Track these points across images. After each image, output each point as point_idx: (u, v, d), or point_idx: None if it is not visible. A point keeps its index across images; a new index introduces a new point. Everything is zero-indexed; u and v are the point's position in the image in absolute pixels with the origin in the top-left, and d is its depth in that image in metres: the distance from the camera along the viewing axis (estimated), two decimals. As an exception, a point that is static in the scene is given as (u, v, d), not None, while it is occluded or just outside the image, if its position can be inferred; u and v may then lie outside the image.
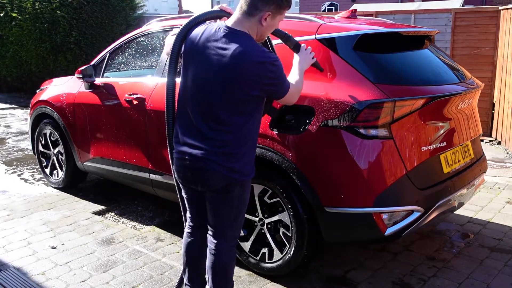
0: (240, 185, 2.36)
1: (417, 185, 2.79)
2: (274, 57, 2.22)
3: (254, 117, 2.30)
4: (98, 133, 4.21)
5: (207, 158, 2.25)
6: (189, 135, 2.31)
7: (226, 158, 2.26)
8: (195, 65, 2.27)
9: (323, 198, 2.76)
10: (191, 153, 2.29)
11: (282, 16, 2.30)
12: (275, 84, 2.24)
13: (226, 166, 2.26)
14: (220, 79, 2.18)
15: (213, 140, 2.25)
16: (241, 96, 2.19)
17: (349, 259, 3.40)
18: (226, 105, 2.21)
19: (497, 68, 7.04)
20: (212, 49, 2.21)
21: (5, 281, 3.11)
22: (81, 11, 10.97)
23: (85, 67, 4.24)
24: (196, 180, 2.35)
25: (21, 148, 6.81)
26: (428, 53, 3.29)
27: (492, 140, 7.04)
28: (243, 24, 2.22)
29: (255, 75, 2.15)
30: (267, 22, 2.23)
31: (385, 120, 2.65)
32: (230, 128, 2.24)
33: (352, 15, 3.45)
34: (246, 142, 2.30)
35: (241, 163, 2.30)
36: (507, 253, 3.47)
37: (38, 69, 11.42)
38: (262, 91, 2.22)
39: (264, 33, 2.30)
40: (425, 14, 7.56)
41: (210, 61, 2.20)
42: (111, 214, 4.30)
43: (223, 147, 2.25)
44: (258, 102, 2.28)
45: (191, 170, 2.33)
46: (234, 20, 2.24)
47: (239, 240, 3.21)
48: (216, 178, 2.29)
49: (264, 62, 2.15)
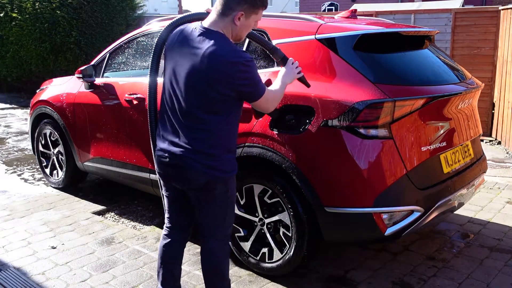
0: (222, 183, 2.35)
1: (417, 185, 2.79)
2: (247, 57, 2.20)
3: (231, 117, 2.30)
4: (98, 133, 4.21)
5: (186, 156, 2.27)
6: (168, 133, 2.34)
7: (203, 157, 2.27)
8: (172, 64, 2.32)
9: (323, 198, 2.76)
10: (170, 151, 2.32)
11: (258, 16, 2.31)
12: (248, 85, 2.23)
13: (204, 163, 2.27)
14: (193, 78, 2.21)
15: (190, 138, 2.27)
16: (213, 95, 2.20)
17: (349, 259, 3.40)
18: (199, 103, 2.23)
19: (497, 68, 7.04)
20: (187, 48, 2.25)
21: (5, 281, 3.11)
22: (81, 11, 10.97)
23: (85, 67, 4.25)
24: (177, 178, 2.37)
25: (21, 148, 6.81)
26: (428, 53, 3.29)
27: (492, 140, 7.04)
28: (218, 24, 2.25)
29: (226, 74, 2.16)
30: (240, 21, 2.24)
31: (385, 120, 2.65)
32: (205, 126, 2.25)
33: (352, 15, 3.45)
34: (222, 141, 2.30)
35: (219, 162, 2.30)
36: (507, 253, 3.47)
37: (38, 69, 11.42)
38: (234, 91, 2.22)
39: (240, 32, 2.30)
40: (425, 14, 7.56)
41: (185, 59, 2.24)
42: (111, 214, 4.30)
43: (199, 145, 2.26)
44: (232, 102, 2.27)
45: (171, 167, 2.35)
46: (210, 20, 2.27)
47: (239, 240, 3.22)
48: (195, 176, 2.30)
49: (235, 61, 2.16)
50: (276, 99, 2.44)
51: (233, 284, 3.08)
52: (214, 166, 2.28)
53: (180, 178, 2.36)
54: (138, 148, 3.83)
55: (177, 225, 2.58)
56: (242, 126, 3.03)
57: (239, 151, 3.05)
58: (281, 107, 2.84)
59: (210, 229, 2.46)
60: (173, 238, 2.58)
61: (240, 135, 3.03)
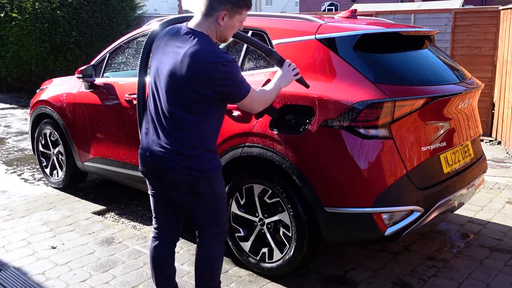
0: (206, 182, 2.33)
1: (417, 185, 2.79)
2: (227, 57, 2.18)
3: (210, 118, 2.28)
4: (98, 133, 4.21)
5: (165, 156, 2.27)
6: (150, 132, 2.35)
7: (182, 158, 2.26)
8: (157, 63, 2.34)
9: (323, 198, 2.76)
10: (151, 150, 2.32)
11: (243, 17, 2.30)
12: (228, 85, 2.21)
13: (184, 165, 2.26)
14: (173, 76, 2.21)
15: (169, 138, 2.26)
16: (192, 94, 2.20)
17: (349, 259, 3.40)
18: (179, 102, 2.23)
19: (497, 68, 7.04)
20: (171, 47, 2.27)
21: (5, 281, 3.11)
22: (81, 11, 10.97)
23: (85, 67, 4.25)
24: (160, 181, 2.37)
25: (21, 148, 6.81)
26: (428, 53, 3.30)
27: (492, 140, 7.04)
28: (202, 25, 2.26)
29: (204, 74, 2.16)
30: (224, 21, 2.25)
31: (385, 120, 2.65)
32: (184, 126, 2.25)
33: (352, 15, 3.45)
34: (201, 141, 2.28)
35: (198, 162, 2.28)
36: (507, 253, 3.47)
37: (38, 69, 11.42)
38: (214, 92, 2.20)
39: (224, 33, 2.30)
40: (425, 14, 7.56)
41: (168, 58, 2.26)
42: (111, 214, 4.30)
43: (177, 145, 2.25)
44: (211, 103, 2.25)
45: (152, 167, 2.36)
46: (195, 21, 2.28)
47: (239, 240, 3.22)
48: (175, 176, 2.29)
49: (215, 62, 2.15)
50: (264, 100, 2.43)
51: (233, 284, 3.08)
52: (193, 166, 2.27)
53: (163, 181, 2.36)
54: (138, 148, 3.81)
55: (164, 225, 2.56)
56: (242, 126, 3.04)
57: (239, 151, 3.05)
58: (281, 107, 2.84)
59: (204, 227, 2.47)
60: (161, 240, 2.56)
61: (240, 135, 3.04)
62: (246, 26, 3.17)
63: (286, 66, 2.56)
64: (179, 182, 2.30)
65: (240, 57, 3.20)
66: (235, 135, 3.06)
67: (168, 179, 2.33)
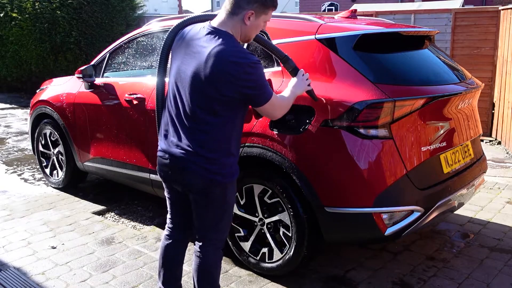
0: (221, 187, 2.31)
1: (417, 185, 2.79)
2: (253, 59, 2.15)
3: (232, 121, 2.26)
4: (98, 133, 4.21)
5: (185, 158, 2.25)
6: (170, 134, 2.32)
7: (202, 160, 2.24)
8: (178, 63, 2.29)
9: (323, 198, 2.76)
10: (171, 152, 2.29)
11: (268, 17, 2.28)
12: (253, 87, 2.18)
13: (204, 167, 2.24)
14: (197, 77, 2.17)
15: (190, 140, 2.24)
16: (216, 96, 2.16)
17: (349, 259, 3.40)
18: (202, 103, 2.20)
19: (497, 68, 7.04)
20: (193, 46, 2.23)
21: (5, 281, 3.11)
22: (81, 11, 10.97)
23: (85, 67, 4.25)
24: (176, 180, 2.35)
25: (21, 148, 6.81)
26: (428, 53, 3.29)
27: (492, 140, 7.04)
28: (226, 24, 2.22)
29: (229, 75, 2.12)
30: (250, 21, 2.22)
31: (385, 120, 2.65)
32: (205, 128, 2.22)
33: (352, 15, 3.44)
34: (223, 144, 2.26)
35: (219, 166, 2.26)
36: (507, 253, 3.47)
37: (38, 69, 11.42)
38: (238, 93, 2.17)
39: (249, 33, 2.28)
40: (425, 14, 7.56)
41: (191, 58, 2.21)
42: (111, 214, 4.30)
43: (198, 147, 2.23)
44: (235, 105, 2.22)
45: (170, 169, 2.33)
46: (218, 20, 2.25)
47: (239, 240, 3.22)
48: (194, 179, 2.27)
49: (240, 62, 2.12)
50: (283, 107, 2.41)
51: (233, 284, 3.08)
52: (214, 170, 2.25)
53: (180, 181, 2.34)
54: (138, 148, 3.83)
55: (178, 226, 2.56)
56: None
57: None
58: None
59: (205, 232, 2.44)
60: (174, 239, 2.57)
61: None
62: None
63: (300, 75, 2.56)
64: (196, 183, 2.28)
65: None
66: (235, 135, 3.06)
67: (185, 179, 2.30)
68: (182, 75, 2.25)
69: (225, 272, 3.22)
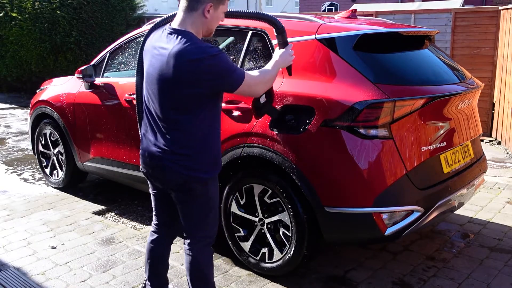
0: (201, 183, 2.33)
1: (417, 185, 2.79)
2: (212, 51, 2.15)
3: (205, 116, 2.27)
4: (98, 133, 4.21)
5: (162, 156, 2.29)
6: (148, 133, 2.37)
7: (178, 157, 2.27)
8: (147, 66, 2.35)
9: (323, 198, 2.76)
10: (149, 151, 2.34)
11: (225, 7, 2.31)
12: (218, 78, 2.19)
13: (181, 164, 2.27)
14: (162, 78, 2.22)
15: (165, 139, 2.28)
16: (182, 94, 2.20)
17: (349, 259, 3.40)
18: (169, 103, 2.24)
19: (497, 68, 7.04)
20: (156, 49, 2.28)
21: (5, 281, 3.11)
22: (81, 11, 10.96)
23: (85, 67, 4.25)
24: (157, 178, 2.39)
25: (21, 148, 6.81)
26: (428, 53, 3.29)
27: (492, 140, 7.03)
28: (185, 22, 2.24)
29: (191, 73, 2.15)
30: (210, 14, 2.24)
31: (385, 120, 2.65)
32: (178, 126, 2.25)
33: (352, 15, 3.45)
34: (197, 141, 2.28)
35: (195, 162, 2.29)
36: (507, 253, 3.47)
37: (38, 69, 11.41)
38: (204, 88, 2.19)
39: (210, 26, 2.30)
40: (425, 14, 7.56)
41: (155, 61, 2.26)
42: (111, 214, 4.30)
43: (174, 145, 2.26)
44: (204, 99, 2.24)
45: (151, 167, 2.37)
46: (177, 20, 2.27)
47: (239, 240, 3.22)
48: (172, 176, 2.31)
49: (200, 58, 2.13)
50: (264, 82, 2.40)
51: (233, 284, 3.08)
52: (190, 166, 2.28)
53: (160, 179, 2.38)
54: (138, 148, 3.81)
55: (163, 222, 2.60)
56: (242, 126, 3.04)
57: (239, 151, 3.05)
58: (281, 107, 2.84)
59: (191, 230, 2.46)
60: (160, 234, 2.61)
61: (240, 135, 3.04)
62: (246, 26, 3.18)
63: (288, 49, 2.56)
64: (176, 181, 2.32)
65: (240, 57, 3.20)
66: (235, 135, 3.06)
67: (166, 178, 2.34)
68: (150, 78, 2.30)
69: (225, 272, 3.22)
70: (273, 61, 2.50)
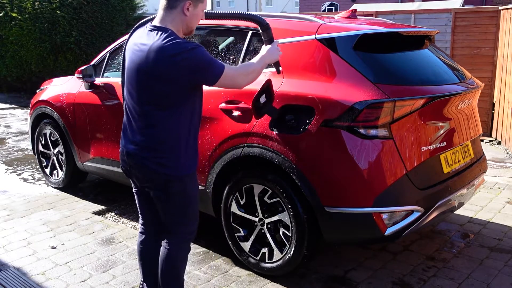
0: (178, 181, 2.34)
1: (417, 185, 2.79)
2: (189, 46, 2.16)
3: (181, 113, 2.28)
4: (98, 133, 4.21)
5: (138, 154, 2.31)
6: (126, 131, 2.39)
7: (154, 154, 2.28)
8: (128, 63, 2.36)
9: (323, 198, 2.76)
10: (127, 148, 2.36)
11: (204, 5, 2.33)
12: (196, 71, 2.20)
13: (157, 162, 2.28)
14: (141, 74, 2.24)
15: (141, 135, 2.30)
16: (161, 89, 2.21)
17: (349, 259, 3.40)
18: (148, 98, 2.26)
19: (497, 68, 7.04)
20: (137, 45, 2.29)
21: (5, 281, 3.11)
22: (81, 11, 10.97)
23: (85, 67, 4.25)
24: (135, 176, 2.41)
25: (21, 148, 6.81)
26: (428, 53, 3.30)
27: (492, 140, 7.04)
28: (165, 19, 2.27)
29: (170, 68, 2.16)
30: (190, 11, 2.26)
31: (385, 120, 2.65)
32: (154, 122, 2.27)
33: (352, 15, 3.45)
34: (172, 138, 2.28)
35: (170, 159, 2.29)
36: (507, 253, 3.48)
37: (38, 69, 11.42)
38: (184, 82, 2.21)
39: (190, 24, 2.31)
40: (425, 14, 7.56)
41: (135, 57, 2.28)
42: (111, 214, 4.30)
43: (148, 141, 2.28)
44: (181, 95, 2.25)
45: (129, 165, 2.39)
46: (158, 18, 2.30)
47: (239, 240, 3.22)
48: (149, 174, 2.32)
49: (178, 53, 2.15)
50: (247, 73, 2.39)
51: (233, 284, 3.08)
52: (166, 164, 2.29)
53: (138, 176, 2.40)
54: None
55: (149, 221, 2.61)
56: (242, 126, 3.04)
57: (239, 151, 3.05)
58: (281, 107, 2.84)
59: (170, 226, 2.47)
60: (147, 234, 2.62)
61: (240, 135, 3.04)
62: (246, 26, 3.18)
63: (275, 44, 2.58)
64: (152, 179, 2.33)
65: (240, 57, 3.20)
66: (235, 135, 3.06)
67: (143, 176, 2.36)
68: (130, 74, 2.32)
69: (225, 272, 3.22)
70: (259, 55, 2.51)
